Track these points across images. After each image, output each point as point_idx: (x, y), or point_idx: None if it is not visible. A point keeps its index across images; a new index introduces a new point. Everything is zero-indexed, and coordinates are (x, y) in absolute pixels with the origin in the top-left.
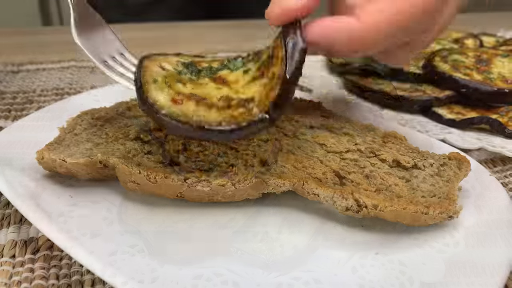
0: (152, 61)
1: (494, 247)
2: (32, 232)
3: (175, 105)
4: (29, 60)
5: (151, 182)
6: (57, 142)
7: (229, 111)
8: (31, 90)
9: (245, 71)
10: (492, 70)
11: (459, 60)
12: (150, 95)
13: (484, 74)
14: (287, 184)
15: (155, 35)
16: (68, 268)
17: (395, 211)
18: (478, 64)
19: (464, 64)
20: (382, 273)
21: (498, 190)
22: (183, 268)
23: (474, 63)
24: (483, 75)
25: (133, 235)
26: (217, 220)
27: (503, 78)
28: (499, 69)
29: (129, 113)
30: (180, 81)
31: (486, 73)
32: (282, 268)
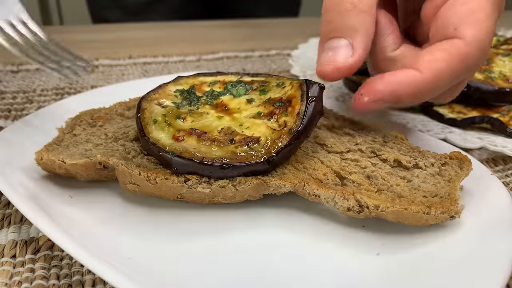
0: (149, 101)
1: (496, 246)
2: (33, 232)
3: (176, 143)
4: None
5: (151, 183)
6: (56, 142)
7: (231, 146)
8: (31, 90)
9: (248, 100)
10: (493, 69)
11: None
12: (151, 135)
13: (485, 73)
14: (288, 185)
15: (154, 34)
16: (68, 268)
17: (396, 212)
18: None
19: None
20: (384, 273)
21: (500, 189)
22: (183, 269)
23: None
24: (484, 74)
25: (133, 236)
26: (218, 222)
27: (504, 77)
28: (500, 68)
29: (129, 113)
30: (180, 116)
31: (488, 72)
32: (284, 269)
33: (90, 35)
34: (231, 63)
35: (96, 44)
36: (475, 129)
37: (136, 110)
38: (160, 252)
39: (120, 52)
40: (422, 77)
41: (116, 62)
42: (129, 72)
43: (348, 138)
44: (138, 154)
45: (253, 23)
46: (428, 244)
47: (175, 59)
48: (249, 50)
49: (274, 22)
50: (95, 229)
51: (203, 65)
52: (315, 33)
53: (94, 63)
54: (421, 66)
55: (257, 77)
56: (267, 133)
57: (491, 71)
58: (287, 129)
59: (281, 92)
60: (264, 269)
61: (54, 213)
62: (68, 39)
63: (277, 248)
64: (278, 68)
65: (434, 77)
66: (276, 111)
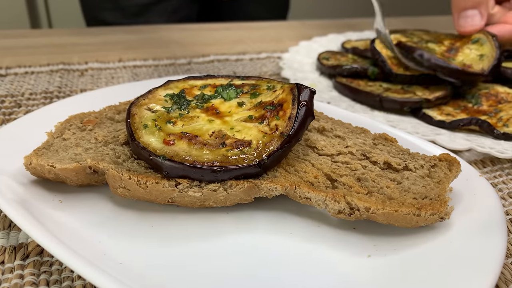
0: (139, 106)
1: (485, 247)
2: (22, 237)
3: (167, 146)
4: (17, 63)
5: (141, 187)
6: (45, 147)
7: (223, 150)
8: (19, 94)
9: (239, 103)
10: (456, 57)
11: (431, 48)
12: (141, 140)
13: (449, 60)
14: (279, 188)
15: (144, 37)
16: (58, 274)
17: (387, 214)
18: (447, 53)
19: (435, 52)
20: (375, 275)
21: (488, 190)
22: (175, 273)
23: (444, 51)
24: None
25: (123, 240)
26: (209, 226)
27: (464, 65)
28: (463, 57)
29: (119, 117)
30: (170, 120)
31: (451, 60)
32: (276, 272)
33: (79, 38)
34: (221, 66)
35: (86, 47)
36: (464, 131)
37: (126, 115)
38: (152, 256)
39: (109, 55)
40: None
41: (106, 66)
42: (119, 76)
43: (339, 140)
44: (129, 158)
45: (244, 26)
46: (419, 246)
47: (165, 62)
48: (240, 53)
49: (265, 25)
50: (85, 234)
51: (193, 68)
52: (306, 36)
53: (84, 66)
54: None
55: (248, 80)
56: (259, 137)
57: (453, 59)
58: (278, 133)
59: (272, 95)
60: (256, 272)
61: (44, 218)
62: (57, 42)
63: (269, 251)
64: (268, 71)
65: None
66: (268, 114)
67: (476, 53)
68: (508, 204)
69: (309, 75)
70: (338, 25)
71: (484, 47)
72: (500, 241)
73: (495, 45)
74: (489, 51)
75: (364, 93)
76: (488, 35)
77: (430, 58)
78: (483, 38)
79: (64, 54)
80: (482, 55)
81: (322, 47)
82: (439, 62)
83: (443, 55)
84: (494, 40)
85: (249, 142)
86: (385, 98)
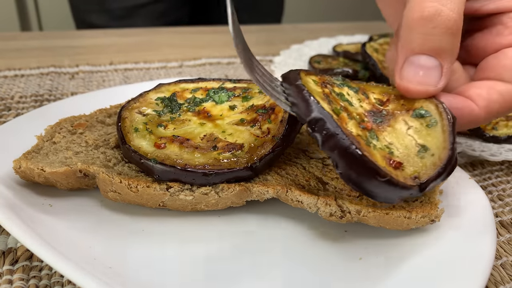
0: (130, 110)
1: (475, 249)
2: (11, 242)
3: (158, 150)
4: (7, 66)
5: (132, 191)
6: (35, 150)
7: (214, 153)
8: (9, 97)
9: (231, 106)
10: (381, 134)
11: (345, 99)
12: (132, 143)
13: None
14: (270, 191)
15: (135, 40)
16: (48, 278)
17: (378, 216)
18: (368, 117)
19: (348, 111)
20: (366, 277)
21: (478, 192)
22: (166, 277)
23: (363, 113)
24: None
25: (114, 245)
26: (201, 229)
27: (388, 161)
28: (392, 139)
29: (109, 120)
30: (161, 123)
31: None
32: (267, 275)
33: (70, 41)
34: (213, 69)
35: (77, 50)
36: None
37: (117, 119)
38: (142, 261)
39: (101, 58)
40: (478, 113)
41: (97, 69)
42: (110, 79)
43: None
44: (119, 162)
45: None
46: (409, 248)
47: (156, 65)
48: (232, 56)
49: (257, 28)
50: (75, 238)
51: (185, 71)
52: (297, 39)
53: (75, 69)
54: (478, 101)
55: (240, 83)
56: (250, 140)
57: (370, 139)
58: (270, 136)
59: (264, 99)
60: (248, 275)
61: (33, 222)
62: (47, 45)
63: (260, 254)
64: None
65: (488, 116)
66: (259, 118)
67: (416, 139)
68: (497, 206)
69: None
70: (329, 29)
71: (432, 133)
72: (490, 243)
73: (449, 137)
74: (436, 144)
75: None
76: (443, 113)
77: (328, 127)
78: (435, 116)
79: (54, 57)
80: (424, 147)
81: (313, 50)
82: (340, 139)
83: (357, 125)
84: (450, 125)
85: (241, 146)
86: None
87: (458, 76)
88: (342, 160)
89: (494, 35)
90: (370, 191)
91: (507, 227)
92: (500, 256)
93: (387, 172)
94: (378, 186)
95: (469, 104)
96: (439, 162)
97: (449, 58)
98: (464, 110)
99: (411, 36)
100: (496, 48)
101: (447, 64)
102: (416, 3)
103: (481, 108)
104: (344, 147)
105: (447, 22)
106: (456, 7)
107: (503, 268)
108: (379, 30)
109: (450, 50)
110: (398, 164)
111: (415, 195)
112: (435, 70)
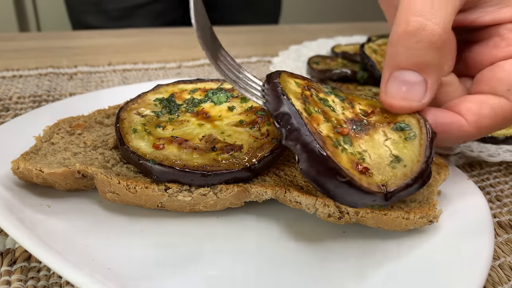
0: (128, 111)
1: (473, 249)
2: (9, 243)
3: (157, 151)
4: (5, 66)
5: (130, 192)
6: (33, 151)
7: (213, 154)
8: (7, 98)
9: (229, 107)
10: (356, 141)
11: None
12: (131, 144)
13: None
14: (269, 192)
15: (134, 41)
16: (46, 279)
17: (376, 217)
18: (347, 123)
19: (327, 115)
20: (365, 278)
21: (476, 193)
22: (164, 279)
23: (342, 121)
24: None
25: (112, 245)
26: (199, 230)
27: (355, 165)
28: (368, 147)
29: (108, 121)
30: (160, 124)
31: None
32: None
33: (68, 42)
34: (212, 70)
35: (75, 50)
36: None
37: (115, 120)
38: (141, 261)
39: (99, 59)
40: (468, 128)
41: (95, 69)
42: (108, 79)
43: None
44: (118, 163)
45: (234, 30)
46: (408, 249)
47: (155, 66)
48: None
49: (255, 29)
50: (73, 239)
51: (184, 72)
52: (296, 40)
53: (73, 70)
54: (467, 116)
55: None
56: (250, 142)
57: (343, 144)
58: (269, 138)
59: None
60: (245, 275)
61: (31, 223)
62: (46, 45)
63: (258, 255)
64: (259, 74)
65: (478, 131)
66: (259, 120)
67: (391, 150)
68: (495, 207)
69: None
70: (328, 30)
71: (408, 146)
72: (487, 244)
73: (425, 151)
74: (411, 157)
75: None
76: (423, 127)
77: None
78: (414, 130)
79: (53, 57)
80: (397, 158)
81: (312, 51)
82: (303, 134)
83: (332, 128)
84: (427, 139)
85: (240, 147)
86: None
87: (453, 89)
88: (302, 155)
89: (490, 47)
90: (330, 191)
91: (505, 227)
92: (498, 256)
93: (349, 174)
94: (338, 186)
95: (458, 119)
96: (410, 174)
97: (434, 73)
98: (452, 126)
99: (396, 51)
100: (492, 61)
101: (432, 79)
102: (402, 17)
103: (471, 123)
104: (306, 143)
105: (431, 37)
106: (441, 21)
107: (501, 268)
108: (377, 31)
109: (435, 65)
110: (365, 170)
111: (379, 202)
112: (419, 85)
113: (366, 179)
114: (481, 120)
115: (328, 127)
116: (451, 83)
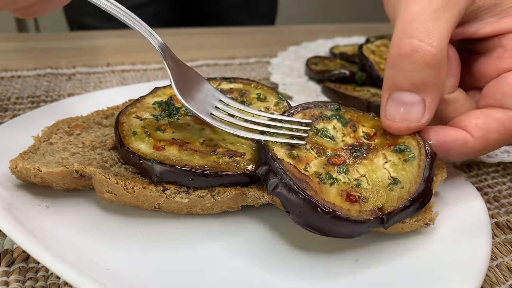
0: (127, 115)
1: (470, 251)
2: (7, 244)
3: (157, 152)
4: (3, 67)
5: (128, 192)
6: (31, 151)
7: (214, 157)
8: (5, 98)
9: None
10: (353, 167)
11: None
12: (131, 146)
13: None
14: (266, 196)
15: (133, 41)
16: (44, 280)
17: None
18: (344, 150)
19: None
20: (362, 280)
21: (473, 194)
22: (162, 280)
23: (341, 148)
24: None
25: (110, 246)
26: (196, 232)
27: (346, 192)
28: (367, 171)
29: (106, 121)
30: (160, 127)
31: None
32: (260, 279)
33: (67, 42)
34: (210, 70)
35: (74, 51)
36: None
37: (115, 124)
38: (139, 262)
39: (98, 59)
40: (474, 144)
41: (94, 70)
42: (107, 80)
43: None
44: (116, 163)
45: (233, 31)
46: (404, 251)
47: (153, 67)
48: (229, 58)
49: (254, 30)
50: (71, 240)
51: None
52: (294, 41)
53: (71, 70)
54: (473, 131)
55: (236, 83)
56: (252, 150)
57: (340, 172)
58: None
59: (263, 107)
60: (242, 278)
61: (29, 223)
62: (44, 46)
63: (255, 258)
64: (257, 75)
65: (486, 147)
66: None
67: (390, 172)
68: (493, 207)
69: (298, 80)
70: (327, 31)
71: (407, 168)
72: (485, 244)
73: (423, 172)
74: (409, 178)
75: (352, 98)
76: (422, 148)
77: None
78: (414, 152)
79: (51, 58)
80: (395, 180)
81: (310, 52)
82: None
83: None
84: (426, 160)
85: (242, 154)
86: (372, 103)
87: (460, 104)
88: (287, 203)
89: (494, 58)
90: (321, 228)
91: (503, 228)
92: (496, 257)
93: (333, 207)
94: (325, 222)
95: (463, 135)
96: (407, 195)
97: (431, 92)
98: (457, 143)
99: (392, 73)
100: (497, 72)
101: (430, 98)
102: (396, 40)
103: (477, 139)
104: (287, 188)
105: (425, 57)
106: (435, 41)
107: (499, 269)
108: (376, 32)
109: (432, 84)
110: (357, 198)
111: (375, 227)
112: (417, 105)
113: (359, 207)
114: (488, 135)
115: (319, 163)
116: (457, 100)
